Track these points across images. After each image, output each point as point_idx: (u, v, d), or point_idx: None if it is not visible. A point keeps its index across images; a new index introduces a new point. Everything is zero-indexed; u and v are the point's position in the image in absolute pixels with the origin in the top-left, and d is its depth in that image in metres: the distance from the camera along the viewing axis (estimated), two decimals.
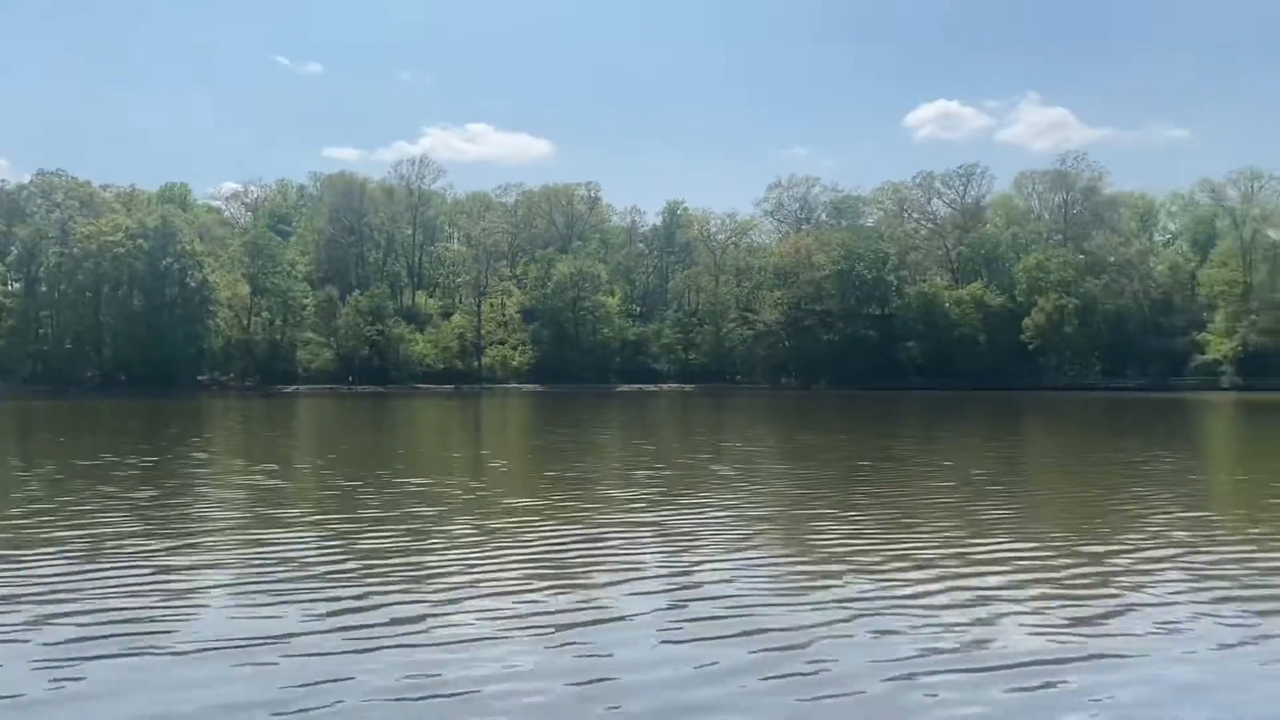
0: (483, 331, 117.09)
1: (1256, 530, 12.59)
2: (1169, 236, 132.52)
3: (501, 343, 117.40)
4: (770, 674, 6.59)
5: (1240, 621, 7.91)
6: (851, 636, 7.46)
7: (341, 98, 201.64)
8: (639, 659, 6.98)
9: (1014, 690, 6.25)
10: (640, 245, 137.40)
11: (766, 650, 7.11)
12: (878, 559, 10.44)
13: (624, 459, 24.04)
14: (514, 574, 9.75)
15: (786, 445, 30.52)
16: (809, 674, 6.60)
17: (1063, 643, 7.31)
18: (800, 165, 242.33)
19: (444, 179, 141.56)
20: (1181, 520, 13.50)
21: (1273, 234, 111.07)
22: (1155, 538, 11.91)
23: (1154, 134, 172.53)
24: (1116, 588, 9.18)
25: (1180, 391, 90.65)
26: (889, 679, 6.46)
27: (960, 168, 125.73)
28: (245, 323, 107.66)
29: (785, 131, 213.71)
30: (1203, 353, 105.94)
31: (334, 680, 6.49)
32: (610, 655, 7.05)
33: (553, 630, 7.68)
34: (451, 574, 9.78)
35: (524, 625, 7.86)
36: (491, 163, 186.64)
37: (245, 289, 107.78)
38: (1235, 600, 8.63)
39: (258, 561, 10.40)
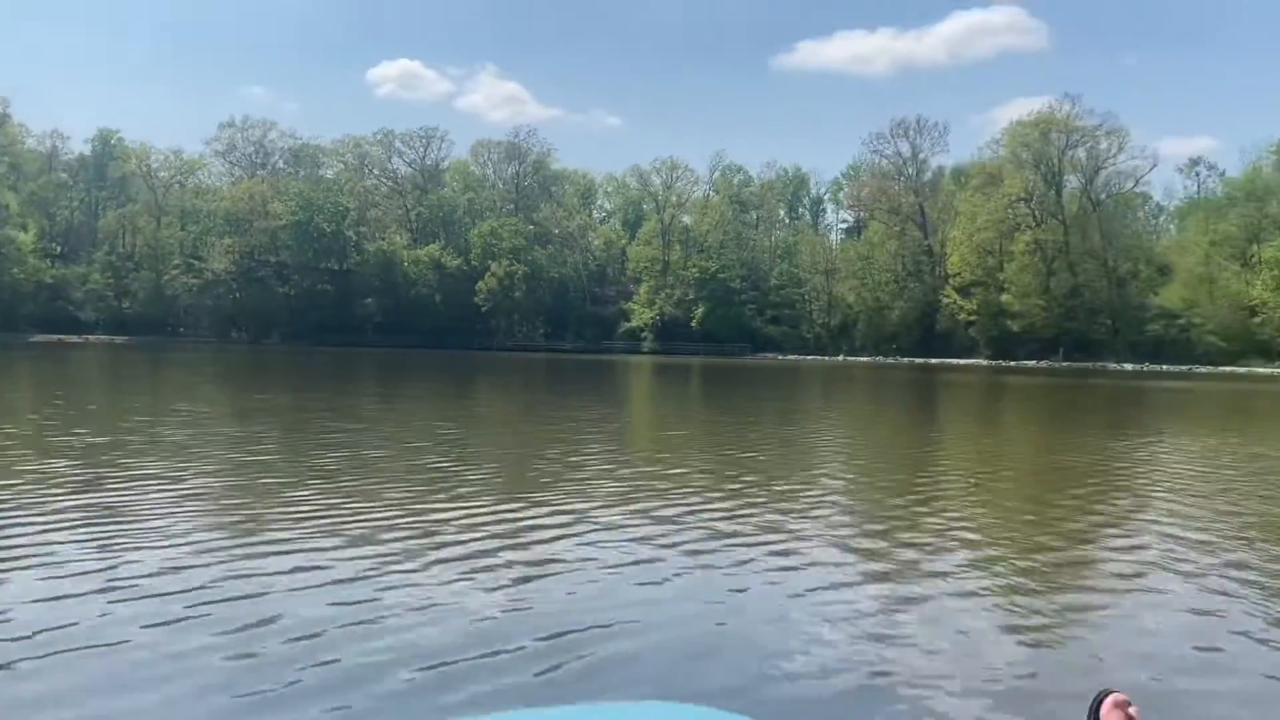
0: None
1: (708, 481, 13.73)
2: (605, 214, 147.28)
3: None
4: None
5: (733, 573, 8.28)
6: (368, 623, 6.47)
7: None
8: (61, 670, 5.34)
9: (543, 670, 5.75)
10: (63, 175, 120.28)
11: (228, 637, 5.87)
12: (348, 527, 9.49)
13: (39, 425, 20.18)
14: None
15: (240, 405, 28.11)
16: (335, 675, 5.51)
17: (582, 611, 7.02)
18: (257, 107, 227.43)
19: None
20: (640, 474, 14.38)
21: (686, 219, 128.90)
22: (614, 490, 12.42)
23: (596, 119, 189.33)
24: (627, 551, 9.21)
25: (611, 354, 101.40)
26: (403, 669, 5.61)
27: (421, 129, 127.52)
28: None
29: (242, 69, 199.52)
30: (629, 320, 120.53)
31: None
32: (22, 663, 5.31)
33: None
34: None
35: None
36: None
37: None
38: (719, 553, 9.06)
39: None
